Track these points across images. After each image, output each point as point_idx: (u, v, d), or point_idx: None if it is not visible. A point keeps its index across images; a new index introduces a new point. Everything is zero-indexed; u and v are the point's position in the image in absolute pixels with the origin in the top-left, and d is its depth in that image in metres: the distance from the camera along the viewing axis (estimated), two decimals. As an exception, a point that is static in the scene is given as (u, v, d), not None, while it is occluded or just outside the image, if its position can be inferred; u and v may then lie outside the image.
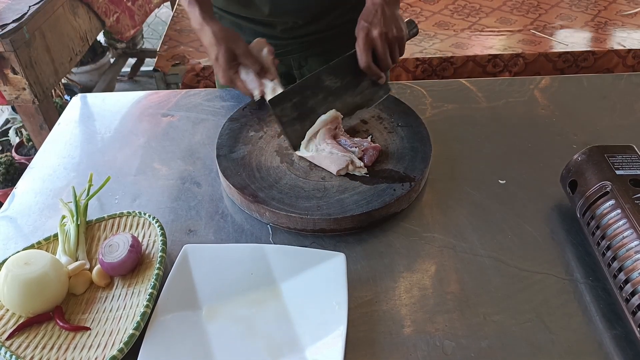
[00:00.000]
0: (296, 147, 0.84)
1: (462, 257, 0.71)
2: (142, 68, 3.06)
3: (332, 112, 0.83)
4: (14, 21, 1.42)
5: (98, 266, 0.68)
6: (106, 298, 0.66)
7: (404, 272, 0.69)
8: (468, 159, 0.87)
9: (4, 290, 0.61)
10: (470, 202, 0.79)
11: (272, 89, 0.83)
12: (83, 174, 0.87)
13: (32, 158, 0.93)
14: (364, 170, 0.78)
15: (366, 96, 0.89)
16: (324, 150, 0.80)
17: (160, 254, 0.67)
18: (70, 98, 1.08)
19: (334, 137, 0.82)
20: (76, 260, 0.69)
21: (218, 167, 0.82)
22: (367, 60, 0.84)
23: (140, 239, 0.72)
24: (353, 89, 0.88)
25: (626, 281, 0.59)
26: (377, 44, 0.84)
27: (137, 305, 0.63)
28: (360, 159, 0.79)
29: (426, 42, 2.11)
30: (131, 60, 3.01)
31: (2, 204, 0.83)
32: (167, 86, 2.01)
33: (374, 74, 0.86)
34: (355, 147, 0.80)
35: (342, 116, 0.85)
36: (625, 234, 0.61)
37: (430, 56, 1.99)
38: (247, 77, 0.84)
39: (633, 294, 0.58)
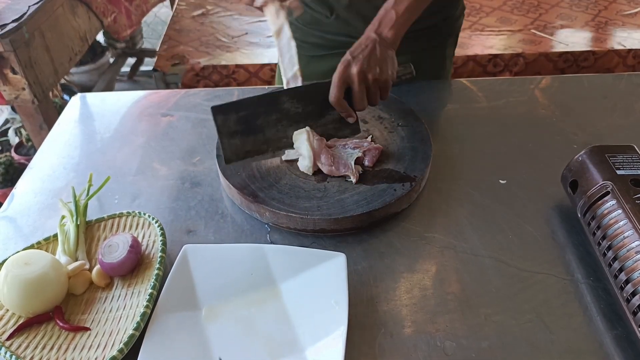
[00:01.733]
0: (229, 161, 0.79)
1: (463, 258, 0.71)
2: (142, 68, 3.05)
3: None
4: (13, 21, 1.42)
5: (98, 266, 0.67)
6: (106, 298, 0.66)
7: (404, 272, 0.69)
8: (468, 158, 0.87)
9: (3, 291, 0.61)
10: (471, 202, 0.79)
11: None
12: (82, 174, 0.87)
13: (32, 158, 0.93)
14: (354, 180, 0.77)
15: (328, 130, 0.83)
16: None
17: (160, 254, 0.67)
18: (70, 98, 1.07)
19: (329, 146, 0.81)
20: (76, 261, 0.69)
21: (218, 167, 0.81)
22: (337, 95, 0.79)
23: (140, 239, 0.72)
24: (314, 120, 0.82)
25: (627, 281, 0.59)
26: (354, 82, 0.78)
27: (137, 305, 0.63)
28: (362, 159, 0.79)
29: (426, 41, 2.10)
30: (131, 60, 3.00)
31: (2, 204, 0.83)
32: (167, 86, 2.01)
33: (342, 109, 0.81)
34: (357, 149, 0.80)
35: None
36: (626, 234, 0.61)
37: (430, 56, 1.99)
38: None
39: (634, 294, 0.58)
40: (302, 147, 0.79)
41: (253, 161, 0.82)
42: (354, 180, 0.77)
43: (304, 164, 0.79)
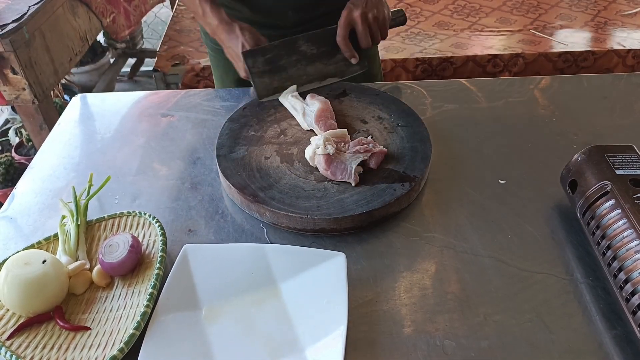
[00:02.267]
0: (261, 96, 0.92)
1: (463, 257, 0.71)
2: (142, 68, 3.06)
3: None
4: (13, 21, 1.42)
5: (98, 266, 0.68)
6: (106, 298, 0.66)
7: (404, 272, 0.69)
8: (468, 158, 0.87)
9: (4, 290, 0.61)
10: (471, 202, 0.79)
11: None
12: (83, 174, 0.87)
13: (32, 158, 0.93)
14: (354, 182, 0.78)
15: (339, 67, 0.97)
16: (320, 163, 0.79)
17: (160, 253, 0.67)
18: (70, 98, 1.08)
19: (338, 150, 0.81)
20: (76, 260, 0.69)
21: (218, 167, 0.82)
22: (343, 34, 0.91)
23: (140, 239, 0.72)
24: (327, 59, 0.96)
25: (626, 281, 0.59)
26: (357, 23, 0.90)
27: (138, 305, 0.63)
28: (367, 161, 0.79)
29: (426, 42, 2.11)
30: (131, 61, 3.00)
31: (2, 204, 0.83)
32: (167, 86, 2.01)
33: (346, 49, 0.93)
34: (361, 153, 0.79)
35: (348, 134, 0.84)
36: (625, 233, 0.61)
37: (430, 56, 1.99)
38: None
39: (633, 293, 0.58)
40: (291, 105, 0.91)
41: (253, 161, 0.82)
42: (353, 184, 0.77)
43: (300, 120, 0.89)
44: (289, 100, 0.91)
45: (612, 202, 0.65)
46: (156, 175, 0.87)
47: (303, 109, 0.89)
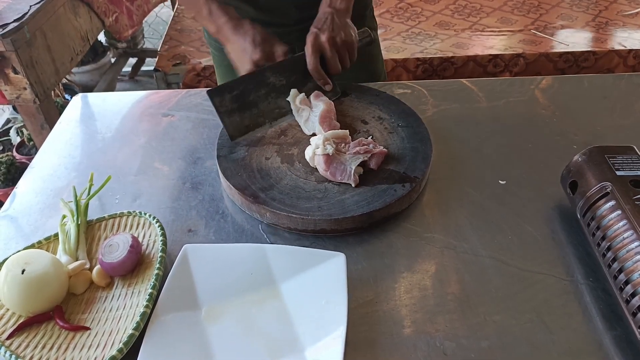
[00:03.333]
0: (233, 137, 0.86)
1: (463, 258, 0.71)
2: (143, 68, 3.06)
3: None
4: (14, 21, 1.43)
5: (98, 266, 0.68)
6: (106, 298, 0.66)
7: (404, 272, 0.69)
8: (468, 159, 0.87)
9: (4, 290, 0.62)
10: (471, 202, 0.79)
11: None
12: (83, 173, 0.87)
13: (33, 158, 0.93)
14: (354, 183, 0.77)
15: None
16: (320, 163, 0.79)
17: (160, 254, 0.67)
18: (71, 98, 1.08)
19: (338, 151, 0.80)
20: (76, 260, 0.69)
21: (218, 167, 0.82)
22: (314, 62, 0.88)
23: (140, 238, 0.72)
24: (298, 88, 0.90)
25: (627, 282, 0.59)
26: (325, 48, 0.87)
27: (137, 305, 0.63)
28: (367, 162, 0.79)
29: (427, 42, 2.11)
30: (132, 60, 3.01)
31: (3, 203, 0.83)
32: (168, 86, 2.01)
33: (320, 77, 0.90)
34: (362, 154, 0.79)
35: (349, 136, 0.84)
36: (626, 234, 0.61)
37: (431, 56, 1.99)
38: None
39: (633, 295, 0.58)
40: (296, 110, 0.89)
41: (254, 162, 0.82)
42: (353, 185, 0.77)
43: (302, 125, 0.88)
44: (296, 105, 0.89)
45: (612, 203, 0.65)
46: (157, 175, 0.87)
47: (307, 116, 0.88)
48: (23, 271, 0.62)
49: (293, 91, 0.89)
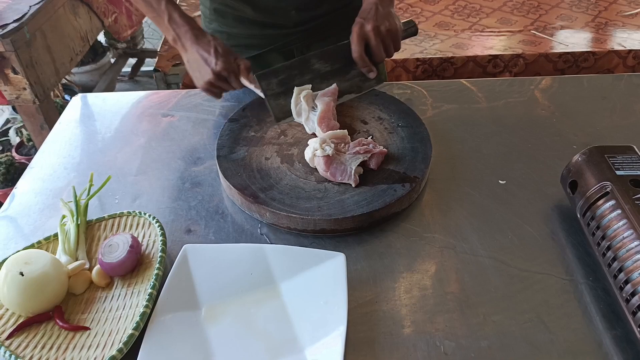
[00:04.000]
0: (278, 119, 0.88)
1: (462, 258, 0.71)
2: (143, 68, 3.06)
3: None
4: (14, 21, 1.43)
5: (98, 266, 0.68)
6: (106, 298, 0.66)
7: (404, 272, 0.69)
8: (468, 159, 0.87)
9: (4, 290, 0.62)
10: (471, 202, 0.79)
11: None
12: (83, 173, 0.87)
13: (33, 158, 0.93)
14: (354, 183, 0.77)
15: (355, 83, 0.92)
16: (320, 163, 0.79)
17: (160, 254, 0.67)
18: (71, 98, 1.08)
19: (338, 151, 0.81)
20: (76, 260, 0.69)
21: (218, 167, 0.82)
22: (359, 50, 0.87)
23: (140, 239, 0.72)
24: (342, 75, 0.91)
25: (626, 281, 0.59)
26: (370, 37, 0.87)
27: (137, 305, 0.63)
28: (367, 162, 0.79)
29: (426, 42, 2.11)
30: (132, 60, 3.00)
31: (2, 203, 0.83)
32: (168, 86, 2.01)
33: (364, 65, 0.89)
34: (362, 154, 0.79)
35: (348, 136, 0.84)
36: (626, 234, 0.61)
37: (430, 56, 1.99)
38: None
39: (633, 294, 0.58)
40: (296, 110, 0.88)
41: (253, 162, 0.82)
42: (353, 185, 0.77)
43: (304, 123, 0.88)
44: (301, 103, 0.89)
45: (612, 202, 0.65)
46: (156, 175, 0.87)
47: (307, 115, 0.88)
48: (22, 273, 0.61)
49: (296, 89, 0.89)
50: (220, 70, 0.84)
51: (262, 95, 0.87)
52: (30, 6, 1.50)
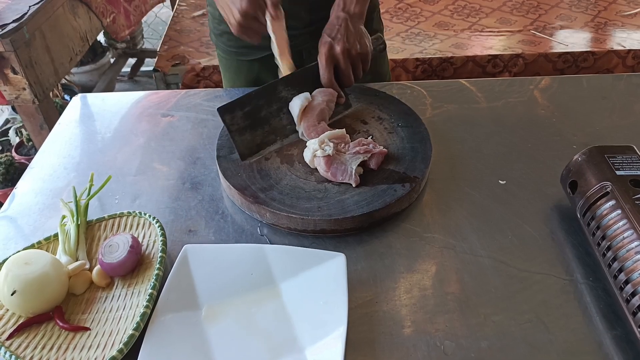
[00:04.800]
0: (244, 156, 0.82)
1: (462, 258, 0.71)
2: (142, 68, 3.06)
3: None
4: (14, 21, 1.42)
5: (98, 266, 0.68)
6: (106, 298, 0.66)
7: (404, 272, 0.69)
8: (468, 159, 0.87)
9: (4, 290, 0.61)
10: (471, 202, 0.79)
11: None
12: (83, 174, 0.87)
13: (32, 158, 0.93)
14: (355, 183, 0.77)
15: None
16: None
17: (160, 254, 0.67)
18: (70, 98, 1.08)
19: (338, 151, 0.80)
20: (76, 260, 0.69)
21: (218, 167, 0.82)
22: (329, 77, 0.83)
23: (140, 239, 0.72)
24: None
25: (626, 282, 0.59)
26: (340, 60, 0.83)
27: (137, 305, 0.63)
28: (367, 162, 0.79)
29: (426, 42, 2.11)
30: (131, 60, 3.01)
31: (2, 204, 0.83)
32: (167, 86, 2.01)
33: (335, 92, 0.85)
34: (362, 154, 0.79)
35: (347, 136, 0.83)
36: (626, 234, 0.61)
37: (430, 56, 1.99)
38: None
39: (633, 294, 0.58)
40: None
41: (262, 157, 0.83)
42: (354, 185, 0.77)
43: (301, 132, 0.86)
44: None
45: (612, 202, 0.65)
46: (156, 176, 0.87)
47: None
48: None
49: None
50: (246, 9, 0.79)
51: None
52: (29, 6, 1.50)
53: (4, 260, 0.66)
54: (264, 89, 0.84)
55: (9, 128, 2.29)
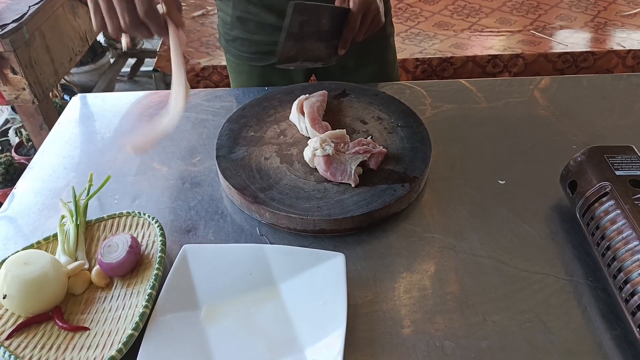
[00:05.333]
0: (282, 62, 0.84)
1: (462, 258, 0.71)
2: (142, 68, 3.06)
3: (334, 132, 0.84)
4: (13, 21, 1.43)
5: (97, 266, 0.67)
6: (105, 298, 0.66)
7: (403, 272, 0.69)
8: (468, 159, 0.87)
9: (3, 290, 0.61)
10: (470, 202, 0.79)
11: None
12: (83, 174, 0.87)
13: (32, 158, 0.93)
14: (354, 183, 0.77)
15: (329, 53, 0.91)
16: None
17: (159, 254, 0.67)
18: (70, 98, 1.08)
19: (337, 151, 0.81)
20: (75, 261, 0.69)
21: (218, 167, 0.82)
22: (355, 21, 0.86)
23: (139, 239, 0.72)
24: (328, 41, 0.90)
25: (626, 281, 0.59)
26: (370, 11, 0.87)
27: (136, 305, 0.63)
28: (367, 162, 0.79)
29: (426, 42, 2.11)
30: (131, 61, 3.01)
31: (2, 204, 0.83)
32: (167, 86, 2.01)
33: (349, 38, 0.89)
34: (361, 154, 0.79)
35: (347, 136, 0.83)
36: (625, 234, 0.61)
37: (430, 56, 1.99)
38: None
39: (633, 294, 0.58)
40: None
41: (253, 162, 0.82)
42: (353, 185, 0.77)
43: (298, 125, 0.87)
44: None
45: (611, 202, 0.65)
46: (156, 176, 0.87)
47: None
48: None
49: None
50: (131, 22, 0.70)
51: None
52: (29, 6, 1.50)
53: (4, 260, 0.66)
54: (323, 8, 0.83)
55: (9, 128, 2.29)
